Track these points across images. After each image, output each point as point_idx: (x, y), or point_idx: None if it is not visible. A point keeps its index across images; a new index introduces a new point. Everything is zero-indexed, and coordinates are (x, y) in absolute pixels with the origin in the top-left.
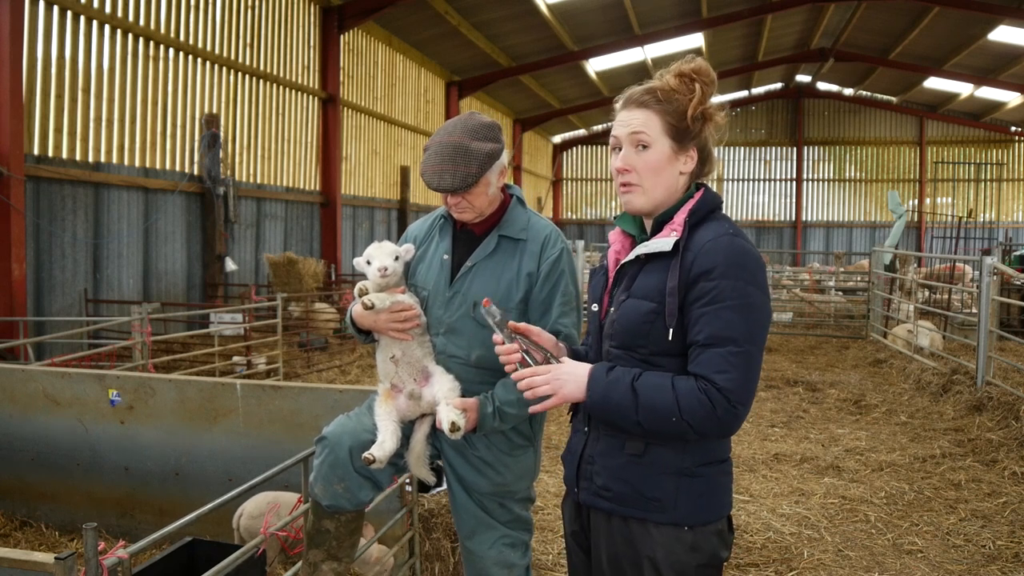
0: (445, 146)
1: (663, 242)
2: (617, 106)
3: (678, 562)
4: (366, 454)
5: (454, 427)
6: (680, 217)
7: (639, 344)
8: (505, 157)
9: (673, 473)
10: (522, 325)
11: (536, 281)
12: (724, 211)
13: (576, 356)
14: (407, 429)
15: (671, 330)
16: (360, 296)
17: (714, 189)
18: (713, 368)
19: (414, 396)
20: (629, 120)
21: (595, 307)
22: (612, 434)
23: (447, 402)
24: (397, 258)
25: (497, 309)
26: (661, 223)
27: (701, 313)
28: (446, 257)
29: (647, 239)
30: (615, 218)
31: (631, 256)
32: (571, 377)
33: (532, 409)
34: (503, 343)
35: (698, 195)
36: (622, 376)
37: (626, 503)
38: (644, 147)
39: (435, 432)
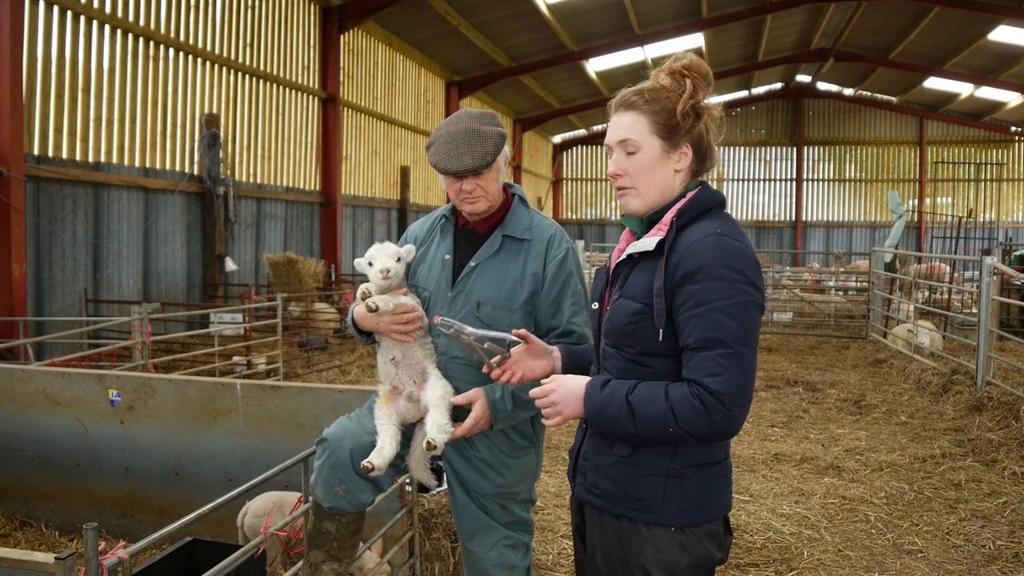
0: (456, 133)
1: (647, 242)
2: (610, 110)
3: (668, 562)
4: (365, 462)
5: (429, 446)
6: (668, 217)
7: (627, 344)
8: (508, 146)
9: (660, 474)
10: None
11: (544, 282)
12: (726, 210)
13: (577, 357)
14: (408, 430)
15: (661, 331)
16: (363, 299)
17: (714, 188)
18: (704, 372)
19: (413, 399)
20: (618, 125)
21: (595, 305)
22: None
23: (436, 409)
24: (399, 259)
25: (449, 320)
26: (652, 223)
27: (689, 316)
28: (447, 257)
29: None
30: (621, 217)
31: (624, 256)
32: (569, 395)
33: (545, 422)
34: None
35: (690, 194)
36: (617, 390)
37: (614, 502)
38: (634, 150)
39: None
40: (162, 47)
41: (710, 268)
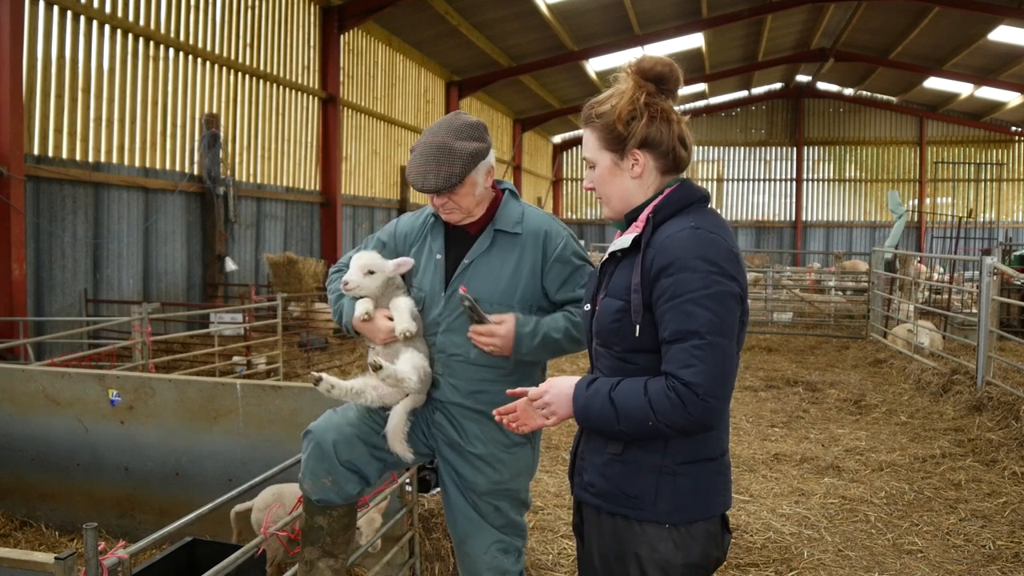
0: (429, 147)
1: (625, 239)
2: None
3: (663, 560)
4: (314, 372)
5: (374, 366)
6: (644, 214)
7: (613, 342)
8: (492, 156)
9: (653, 471)
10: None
11: (549, 271)
12: (711, 206)
13: None
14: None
15: (637, 327)
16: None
17: (697, 184)
18: (679, 364)
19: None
20: (583, 141)
21: (587, 307)
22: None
23: (399, 359)
24: (370, 272)
25: (470, 297)
26: (631, 221)
27: (665, 310)
28: (439, 257)
29: None
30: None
31: (607, 255)
32: (561, 395)
33: (544, 423)
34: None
35: (668, 191)
36: (600, 387)
37: (609, 500)
38: (592, 164)
39: (432, 432)
40: (162, 47)
41: (684, 260)
